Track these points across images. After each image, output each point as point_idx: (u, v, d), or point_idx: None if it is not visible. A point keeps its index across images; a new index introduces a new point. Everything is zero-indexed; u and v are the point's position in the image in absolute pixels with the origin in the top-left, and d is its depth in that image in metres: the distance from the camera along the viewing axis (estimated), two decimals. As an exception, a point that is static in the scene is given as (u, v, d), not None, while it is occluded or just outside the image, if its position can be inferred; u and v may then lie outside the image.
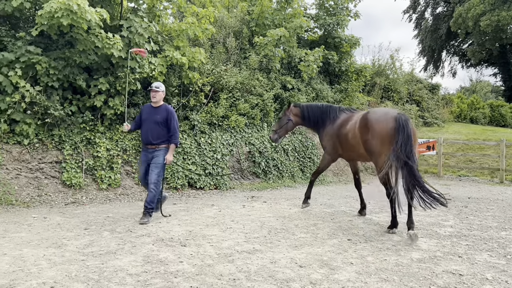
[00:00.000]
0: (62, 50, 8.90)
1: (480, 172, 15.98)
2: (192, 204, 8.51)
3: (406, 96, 21.07)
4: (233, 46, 13.22)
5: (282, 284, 4.06)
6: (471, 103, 28.17)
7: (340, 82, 16.12)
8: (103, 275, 4.18)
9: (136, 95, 10.03)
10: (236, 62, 13.28)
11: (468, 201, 9.82)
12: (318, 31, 16.70)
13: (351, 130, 6.90)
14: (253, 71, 12.77)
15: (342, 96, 15.44)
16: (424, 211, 6.07)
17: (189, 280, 4.09)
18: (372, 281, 4.20)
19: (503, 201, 9.82)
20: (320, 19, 15.97)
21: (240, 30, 14.05)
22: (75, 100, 9.19)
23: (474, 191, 11.89)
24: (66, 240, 5.46)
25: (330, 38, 15.89)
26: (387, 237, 6.05)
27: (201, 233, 6.00)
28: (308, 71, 13.76)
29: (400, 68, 21.44)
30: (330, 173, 14.00)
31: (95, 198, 8.53)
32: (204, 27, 10.97)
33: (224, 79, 11.76)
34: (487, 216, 7.92)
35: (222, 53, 12.77)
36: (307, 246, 5.49)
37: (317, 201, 9.31)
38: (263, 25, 14.14)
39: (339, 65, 15.91)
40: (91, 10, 8.17)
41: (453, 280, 4.29)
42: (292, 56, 14.11)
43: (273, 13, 14.28)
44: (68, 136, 8.96)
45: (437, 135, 18.65)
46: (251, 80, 12.42)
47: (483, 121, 27.26)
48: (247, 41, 14.07)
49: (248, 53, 13.46)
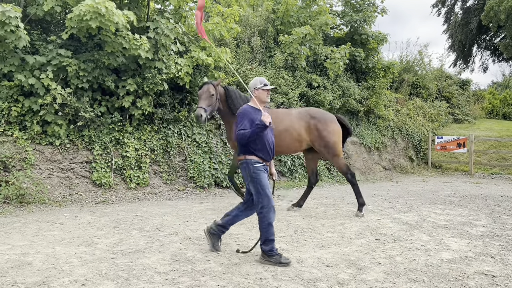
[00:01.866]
0: (91, 52, 9.10)
1: (514, 170, 15.48)
2: (219, 203, 8.57)
3: (436, 93, 20.58)
4: (258, 45, 13.22)
5: (309, 284, 4.04)
6: (503, 99, 27.25)
7: (367, 79, 15.90)
8: (132, 273, 4.26)
9: (164, 96, 10.16)
10: (261, 61, 13.28)
11: (501, 199, 9.53)
12: (344, 28, 16.50)
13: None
14: (278, 70, 12.75)
15: (369, 94, 15.23)
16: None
17: (216, 279, 4.12)
18: (400, 282, 4.12)
19: (538, 200, 9.48)
20: (346, 16, 15.78)
21: (265, 28, 14.04)
22: (104, 101, 9.40)
23: (508, 189, 11.53)
24: (96, 238, 5.59)
25: (357, 35, 15.68)
26: (416, 237, 5.94)
27: (228, 232, 6.00)
28: (334, 69, 13.62)
29: (429, 64, 20.94)
30: (357, 171, 13.84)
31: (124, 197, 8.69)
32: (229, 26, 11.02)
33: (250, 78, 11.78)
34: (522, 215, 7.67)
35: (247, 52, 12.79)
36: (334, 245, 5.44)
37: (344, 200, 9.22)
38: (288, 23, 14.10)
39: (366, 62, 15.68)
40: (118, 13, 8.32)
41: (485, 281, 4.17)
42: (318, 53, 14.00)
43: (298, 11, 14.21)
44: (97, 137, 9.17)
45: (468, 132, 18.16)
46: (276, 79, 12.41)
47: (517, 117, 26.34)
48: (272, 40, 14.05)
49: (273, 51, 13.44)
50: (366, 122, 15.50)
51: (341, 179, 12.78)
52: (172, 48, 9.71)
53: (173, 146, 10.04)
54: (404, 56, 20.50)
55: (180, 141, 10.23)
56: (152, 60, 9.37)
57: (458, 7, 42.14)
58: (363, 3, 15.87)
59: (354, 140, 14.63)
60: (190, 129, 10.49)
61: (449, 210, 8.03)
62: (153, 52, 9.35)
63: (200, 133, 10.54)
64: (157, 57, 9.47)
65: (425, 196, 10.00)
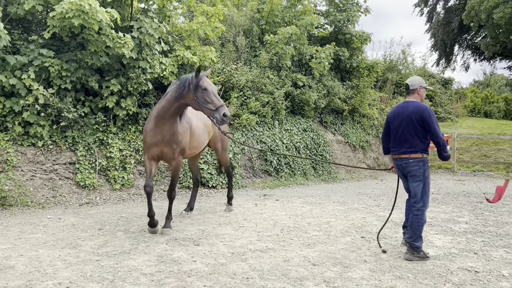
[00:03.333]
0: (74, 52, 8.98)
1: (495, 167, 15.76)
2: (205, 203, 8.54)
3: (419, 91, 20.84)
4: (243, 45, 13.21)
5: (295, 283, 4.05)
6: (485, 97, 27.77)
7: (351, 78, 16.02)
8: (117, 275, 4.22)
9: (148, 95, 10.08)
10: (246, 60, 13.28)
11: (483, 196, 9.69)
12: (329, 28, 16.59)
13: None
14: (264, 69, 12.76)
15: (353, 93, 15.34)
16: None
17: (203, 279, 4.11)
18: (386, 279, 4.16)
19: (519, 196, 9.67)
20: (330, 16, 15.86)
21: (250, 28, 14.03)
22: (88, 102, 9.28)
23: (489, 186, 11.73)
24: (81, 240, 5.52)
25: (341, 34, 15.77)
26: (400, 235, 6.00)
27: (214, 232, 6.02)
28: (319, 68, 13.69)
29: (412, 63, 21.25)
30: (342, 170, 13.95)
31: (108, 199, 8.60)
32: (214, 25, 10.99)
33: (235, 77, 11.77)
34: (503, 211, 7.81)
35: (232, 51, 12.77)
36: (320, 244, 5.47)
37: (330, 198, 9.28)
38: (273, 23, 14.11)
39: (350, 61, 15.79)
40: (102, 10, 8.24)
41: (468, 277, 4.24)
42: (303, 53, 14.05)
43: (283, 11, 14.24)
44: (81, 137, 9.05)
45: (451, 130, 18.43)
46: (261, 78, 12.41)
47: (498, 115, 26.85)
48: (257, 39, 14.06)
49: (259, 51, 13.44)
50: (350, 121, 15.62)
51: (326, 178, 12.85)
52: (156, 48, 9.65)
53: (158, 146, 9.95)
54: (387, 55, 20.75)
55: (165, 141, 10.15)
56: (136, 59, 9.29)
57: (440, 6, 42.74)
58: (347, 2, 15.98)
59: (339, 139, 14.72)
60: (175, 129, 10.42)
61: (432, 207, 8.14)
62: (137, 52, 9.27)
63: (185, 133, 10.47)
64: (141, 56, 9.39)
65: (409, 193, 10.09)
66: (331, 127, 14.84)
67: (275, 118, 12.66)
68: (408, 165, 4.91)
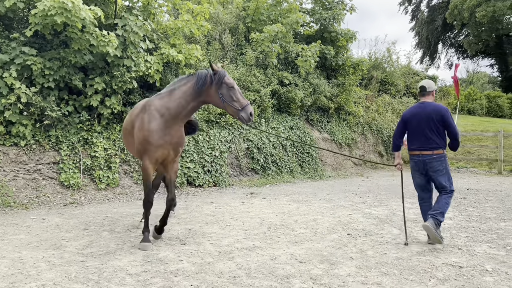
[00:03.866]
0: (57, 50, 8.85)
1: (479, 163, 16.01)
2: (191, 202, 8.50)
3: (403, 89, 21.04)
4: (229, 43, 13.17)
5: (282, 281, 4.05)
6: (468, 95, 28.18)
7: (337, 76, 16.08)
8: (102, 275, 4.17)
9: (133, 94, 9.99)
10: (232, 58, 13.24)
11: (467, 192, 9.84)
12: (314, 26, 16.63)
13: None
14: (250, 67, 12.74)
15: (339, 91, 15.41)
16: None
17: (189, 279, 4.08)
18: (372, 275, 4.19)
19: (501, 192, 9.83)
20: (316, 14, 15.90)
21: (236, 26, 14.00)
22: (72, 100, 9.16)
23: (473, 182, 11.91)
24: (65, 241, 5.45)
25: (326, 32, 15.82)
26: (386, 231, 6.06)
27: (201, 231, 5.99)
28: (305, 66, 13.71)
29: (396, 61, 21.39)
30: (328, 167, 14.02)
31: (93, 198, 8.51)
32: (200, 23, 10.93)
33: (221, 75, 11.71)
34: (486, 207, 7.93)
35: (218, 49, 12.72)
36: (307, 241, 5.49)
37: (317, 196, 9.31)
38: (259, 21, 14.09)
39: (336, 59, 15.85)
40: (85, 8, 8.12)
41: (453, 272, 4.30)
42: (289, 51, 14.06)
43: (269, 9, 14.22)
44: (65, 137, 8.93)
45: (435, 127, 18.61)
46: (248, 76, 12.39)
47: (481, 112, 27.27)
48: (243, 37, 14.02)
49: (245, 49, 13.41)
50: (336, 118, 15.70)
51: (313, 175, 12.90)
52: (141, 46, 9.55)
53: (144, 145, 9.88)
54: (372, 53, 20.87)
55: (151, 140, 10.08)
56: (120, 57, 9.19)
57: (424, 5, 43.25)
58: (332, 0, 16.03)
59: (325, 137, 14.79)
60: (161, 128, 10.35)
61: (417, 204, 8.20)
62: (122, 50, 9.16)
63: (171, 131, 10.41)
64: (126, 54, 9.29)
65: (394, 190, 10.20)
66: (317, 125, 14.89)
67: (261, 116, 12.66)
68: (431, 161, 5.31)
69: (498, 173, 14.32)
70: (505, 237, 5.70)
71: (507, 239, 5.57)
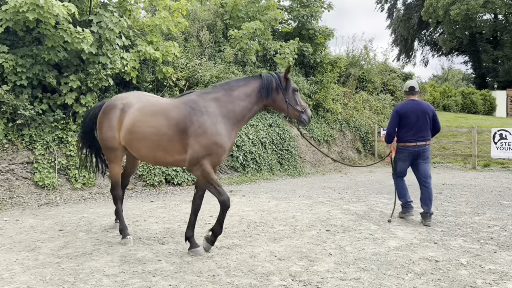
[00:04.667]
0: (29, 47, 8.63)
1: (454, 159, 16.35)
2: (170, 201, 8.42)
3: (380, 86, 21.30)
4: (207, 40, 13.08)
5: (261, 278, 4.05)
6: (443, 91, 28.75)
7: (315, 73, 16.17)
8: (79, 277, 4.08)
9: (109, 92, 9.82)
10: (210, 55, 13.16)
11: (443, 187, 10.02)
12: (292, 23, 16.69)
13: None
14: (228, 65, 12.68)
15: (317, 88, 15.50)
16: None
17: (168, 279, 4.04)
18: (350, 271, 4.22)
19: (475, 187, 10.06)
20: (294, 11, 15.95)
21: (213, 23, 13.91)
22: (46, 99, 8.95)
23: (448, 177, 12.15)
24: (40, 242, 5.32)
25: (304, 30, 15.89)
26: (364, 227, 6.12)
27: (180, 230, 5.93)
28: (284, 64, 13.74)
29: (374, 58, 21.64)
30: (307, 164, 14.09)
31: (69, 198, 8.34)
32: (177, 20, 10.82)
33: (199, 73, 11.64)
34: (461, 202, 8.10)
35: (196, 46, 12.63)
36: (286, 238, 5.49)
37: (296, 193, 9.34)
38: (237, 18, 14.04)
39: (314, 56, 15.94)
40: (58, 4, 7.93)
41: (429, 266, 4.36)
42: (267, 48, 14.07)
43: (247, 6, 14.19)
44: (39, 136, 8.72)
45: (412, 123, 18.90)
46: (226, 74, 12.34)
47: (455, 108, 27.85)
48: (221, 34, 13.95)
49: (223, 46, 13.35)
50: (315, 116, 15.79)
51: (292, 173, 12.95)
52: (117, 43, 9.40)
53: (121, 144, 9.73)
54: (350, 50, 21.06)
55: (128, 138, 9.93)
56: (96, 55, 9.02)
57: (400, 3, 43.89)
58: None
59: (304, 134, 14.86)
60: (139, 126, 10.21)
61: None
62: (97, 47, 9.00)
63: (149, 129, 10.28)
64: (101, 51, 9.13)
65: (372, 186, 10.32)
66: (296, 122, 14.92)
67: (240, 113, 12.60)
68: (425, 150, 6.31)
69: (472, 168, 14.65)
70: (479, 230, 5.83)
71: (481, 233, 5.70)
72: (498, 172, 13.51)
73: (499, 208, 7.37)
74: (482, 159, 15.27)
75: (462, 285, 3.86)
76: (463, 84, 48.73)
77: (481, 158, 15.25)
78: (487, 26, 34.82)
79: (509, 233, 5.66)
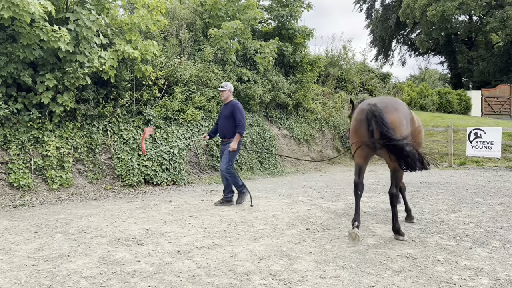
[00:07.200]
0: (3, 45, 8.41)
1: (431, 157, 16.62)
2: (149, 201, 8.34)
3: (359, 86, 21.55)
4: (186, 38, 12.99)
5: (242, 278, 4.04)
6: (420, 91, 29.23)
7: (295, 73, 16.25)
8: (55, 279, 4.01)
9: (87, 91, 9.66)
10: (190, 54, 13.08)
11: (420, 186, 10.20)
12: (272, 23, 16.71)
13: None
14: (208, 64, 12.63)
15: (297, 87, 15.57)
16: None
17: (147, 280, 4.00)
18: (330, 269, 4.26)
19: (452, 185, 10.27)
20: (273, 11, 15.97)
21: (193, 21, 13.82)
22: (21, 98, 8.74)
23: (425, 175, 12.36)
24: (15, 245, 5.20)
25: (284, 29, 15.94)
26: (344, 225, 6.18)
27: (159, 231, 5.88)
28: (264, 63, 13.76)
29: (352, 58, 21.84)
30: (288, 163, 14.15)
31: (45, 199, 8.18)
32: (156, 18, 10.70)
33: (179, 72, 11.56)
34: (438, 199, 8.25)
35: (175, 45, 12.53)
36: (267, 237, 5.50)
37: (276, 192, 9.37)
38: (216, 17, 13.98)
39: (294, 56, 16.01)
40: (34, 2, 7.76)
41: (407, 263, 4.43)
42: (247, 48, 14.05)
43: (227, 5, 14.13)
44: (14, 136, 8.52)
45: (390, 122, 19.16)
46: (206, 73, 12.28)
47: (432, 108, 28.35)
48: (201, 33, 13.87)
49: (203, 45, 13.28)
50: (295, 115, 15.87)
51: (272, 172, 12.98)
52: (95, 41, 9.24)
53: (98, 144, 9.60)
54: (329, 50, 21.22)
55: (106, 138, 9.81)
56: (73, 53, 8.86)
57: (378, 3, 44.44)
58: (290, -3, 16.16)
59: (284, 133, 14.92)
60: (116, 125, 10.09)
61: (373, 198, 8.45)
62: (74, 45, 8.83)
63: (127, 129, 10.16)
64: (79, 50, 8.96)
65: (351, 185, 10.39)
66: (277, 122, 15.00)
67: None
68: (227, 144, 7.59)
69: (449, 167, 14.95)
70: (455, 227, 5.95)
71: (457, 230, 5.82)
72: (473, 170, 13.83)
73: (474, 206, 7.54)
74: (458, 157, 15.60)
75: (438, 281, 3.93)
76: (439, 84, 49.70)
77: (457, 157, 15.58)
78: (462, 27, 35.58)
79: (484, 230, 5.80)
